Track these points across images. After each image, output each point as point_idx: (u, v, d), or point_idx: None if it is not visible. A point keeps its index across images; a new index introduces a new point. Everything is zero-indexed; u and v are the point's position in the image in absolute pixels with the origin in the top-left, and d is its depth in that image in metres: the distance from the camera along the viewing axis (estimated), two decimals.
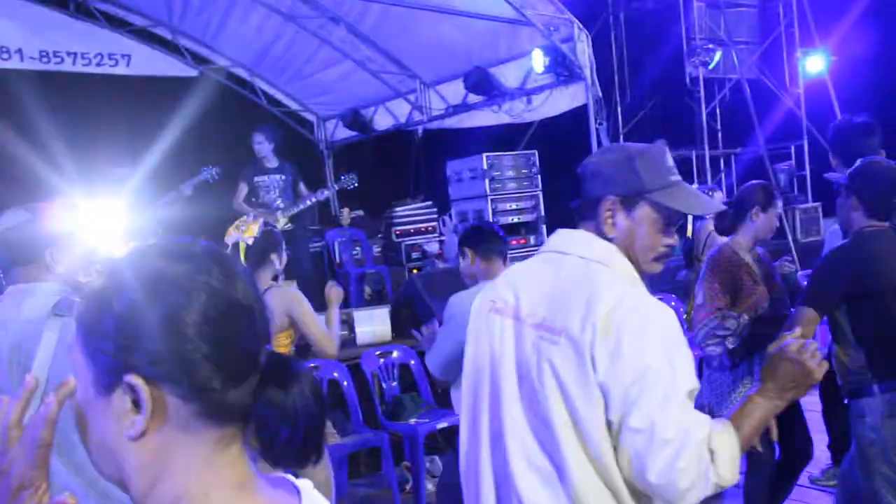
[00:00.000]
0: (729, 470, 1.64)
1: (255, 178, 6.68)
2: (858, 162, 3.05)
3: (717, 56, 8.64)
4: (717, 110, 9.25)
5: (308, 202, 6.65)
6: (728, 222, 3.50)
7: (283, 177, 6.68)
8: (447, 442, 4.66)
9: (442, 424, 4.55)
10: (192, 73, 8.58)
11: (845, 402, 3.02)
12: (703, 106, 8.77)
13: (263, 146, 6.66)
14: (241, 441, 0.87)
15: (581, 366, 1.67)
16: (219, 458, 0.85)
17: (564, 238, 1.89)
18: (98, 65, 8.09)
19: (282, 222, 6.41)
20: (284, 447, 0.85)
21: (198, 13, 8.00)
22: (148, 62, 8.35)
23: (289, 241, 6.18)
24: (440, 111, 8.14)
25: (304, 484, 0.94)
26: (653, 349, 1.65)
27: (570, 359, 1.69)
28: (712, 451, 1.63)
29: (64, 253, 2.23)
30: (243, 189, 6.67)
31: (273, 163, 6.72)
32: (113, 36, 8.18)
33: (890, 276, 2.89)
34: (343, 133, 9.13)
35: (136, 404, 0.82)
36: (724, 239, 3.53)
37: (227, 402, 0.84)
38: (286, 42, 8.23)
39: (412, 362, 5.04)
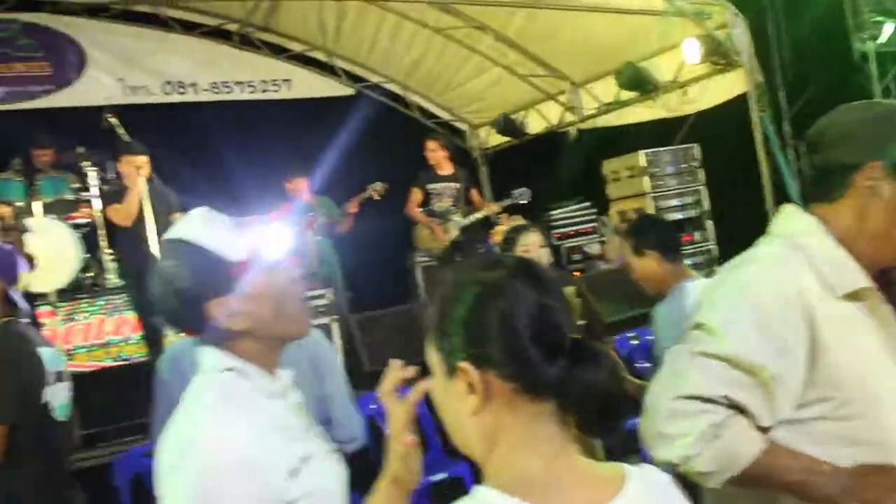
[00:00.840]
0: (706, 463, 1.42)
1: (429, 186, 6.84)
2: None
3: (889, 28, 8.07)
4: (893, 87, 8.62)
5: (481, 214, 6.74)
6: None
7: (457, 185, 6.80)
8: None
9: None
10: (349, 91, 8.92)
11: None
12: (877, 83, 8.20)
13: (437, 153, 6.80)
14: (558, 420, 1.04)
15: None
16: (538, 431, 1.03)
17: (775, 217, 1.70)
18: (263, 91, 8.57)
19: (453, 233, 6.53)
20: (591, 416, 1.02)
21: (351, 34, 8.32)
22: (307, 85, 8.76)
23: (459, 251, 6.32)
24: (592, 110, 8.06)
25: (644, 473, 1.08)
26: (718, 303, 1.52)
27: None
28: (718, 430, 1.42)
29: None
30: (417, 196, 6.83)
31: (447, 170, 6.85)
32: (274, 63, 8.64)
33: None
34: (496, 139, 9.20)
35: (471, 386, 1.03)
36: None
37: (541, 380, 1.01)
38: (435, 54, 8.41)
39: None
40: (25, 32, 7.49)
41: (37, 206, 6.28)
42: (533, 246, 3.73)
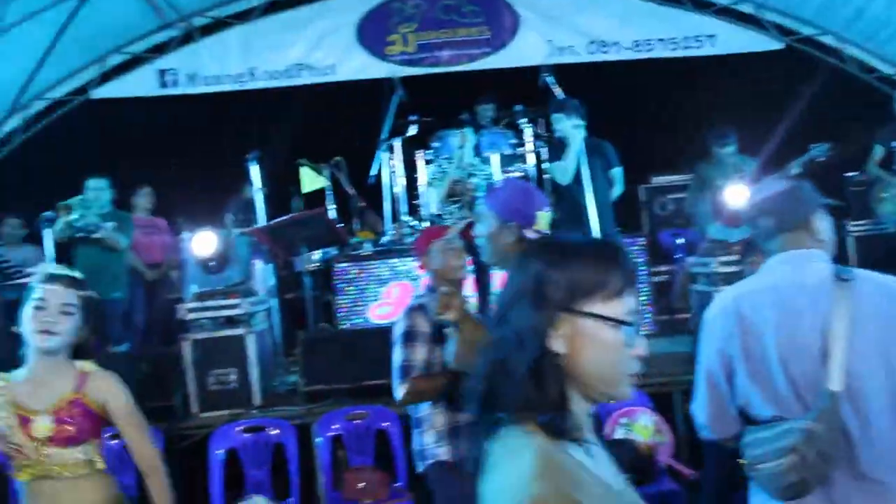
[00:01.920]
0: None
1: (894, 143, 6.26)
2: None
3: None
4: None
5: None
6: None
7: None
8: None
9: None
10: (778, 45, 8.34)
11: None
12: None
13: None
14: None
15: None
16: None
17: None
18: (685, 48, 8.35)
19: None
20: None
21: None
22: (732, 39, 8.35)
23: None
24: None
25: None
26: None
27: None
28: None
29: (824, 222, 2.25)
30: (878, 153, 6.34)
31: None
32: (698, 18, 8.35)
33: None
34: None
35: None
36: None
37: None
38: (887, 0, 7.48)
39: None
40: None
41: (495, 161, 6.76)
42: None
